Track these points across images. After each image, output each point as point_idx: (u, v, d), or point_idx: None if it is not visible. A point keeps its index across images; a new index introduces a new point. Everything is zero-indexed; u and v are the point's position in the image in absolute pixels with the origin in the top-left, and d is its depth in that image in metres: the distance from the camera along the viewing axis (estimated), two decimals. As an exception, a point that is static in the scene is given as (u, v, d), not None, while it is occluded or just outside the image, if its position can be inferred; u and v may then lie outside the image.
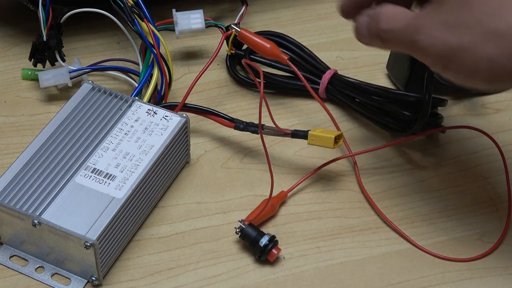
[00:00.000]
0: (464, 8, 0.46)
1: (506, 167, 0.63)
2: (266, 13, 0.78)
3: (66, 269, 0.56)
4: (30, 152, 0.58)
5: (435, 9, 0.48)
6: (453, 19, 0.46)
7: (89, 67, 0.69)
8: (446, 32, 0.46)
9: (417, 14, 0.49)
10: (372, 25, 0.52)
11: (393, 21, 0.50)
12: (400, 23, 0.50)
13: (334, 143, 0.60)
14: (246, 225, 0.58)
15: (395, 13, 0.50)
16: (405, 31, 0.49)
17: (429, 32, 0.47)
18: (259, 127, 0.59)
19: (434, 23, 0.47)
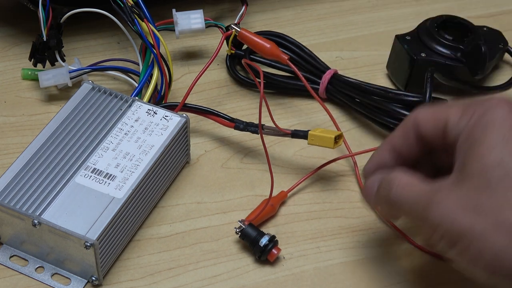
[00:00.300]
0: (486, 192, 0.45)
1: None
2: (266, 13, 0.79)
3: (66, 269, 0.56)
4: (30, 152, 0.58)
5: (454, 185, 0.46)
6: (470, 201, 0.45)
7: (89, 67, 0.69)
8: (460, 213, 0.45)
9: (432, 186, 0.48)
10: (382, 190, 0.51)
11: (405, 190, 0.49)
12: (412, 194, 0.48)
13: (334, 143, 0.60)
14: (246, 225, 0.58)
15: (409, 183, 0.49)
16: (417, 203, 0.48)
17: (441, 210, 0.46)
18: (259, 127, 0.59)
19: (449, 201, 0.46)
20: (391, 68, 0.72)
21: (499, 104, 0.47)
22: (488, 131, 0.46)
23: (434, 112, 0.50)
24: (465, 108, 0.48)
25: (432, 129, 0.50)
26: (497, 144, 0.45)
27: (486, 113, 0.47)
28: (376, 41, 0.76)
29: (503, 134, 0.45)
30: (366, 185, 0.53)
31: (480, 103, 0.48)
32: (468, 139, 0.47)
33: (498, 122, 0.46)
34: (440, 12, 0.77)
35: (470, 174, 0.46)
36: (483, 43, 0.66)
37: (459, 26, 0.71)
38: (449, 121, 0.49)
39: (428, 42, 0.69)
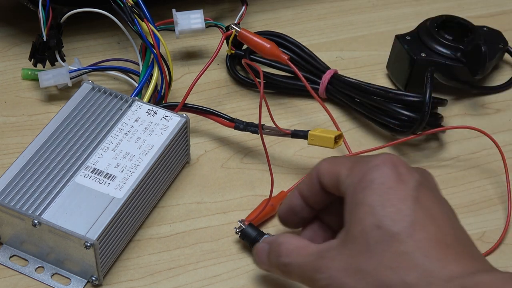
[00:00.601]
0: (365, 255, 0.46)
1: (506, 167, 0.63)
2: (266, 13, 0.79)
3: (66, 269, 0.56)
4: (30, 152, 0.58)
5: (339, 248, 0.48)
6: (353, 264, 0.47)
7: (89, 67, 0.69)
8: (344, 276, 0.47)
9: (320, 249, 0.49)
10: (272, 256, 0.52)
11: (294, 255, 0.50)
12: (300, 259, 0.50)
13: (334, 143, 0.60)
14: (246, 225, 0.58)
15: (297, 247, 0.51)
16: (306, 268, 0.49)
17: (328, 273, 0.47)
18: (259, 127, 0.59)
19: (334, 264, 0.47)
20: (391, 68, 0.72)
21: (381, 164, 0.48)
22: (367, 193, 0.47)
23: (330, 165, 0.52)
24: (353, 165, 0.50)
25: (329, 182, 0.51)
26: (375, 207, 0.46)
27: (367, 173, 0.48)
28: (376, 41, 0.76)
29: (381, 196, 0.47)
30: (257, 250, 0.54)
31: (366, 161, 0.49)
32: (352, 200, 0.48)
33: (377, 183, 0.47)
34: (440, 12, 0.77)
35: (352, 237, 0.47)
36: (483, 43, 0.66)
37: (459, 26, 0.71)
38: (339, 177, 0.50)
39: (428, 42, 0.69)
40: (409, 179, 0.48)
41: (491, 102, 0.71)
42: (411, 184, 0.47)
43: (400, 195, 0.47)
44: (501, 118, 0.70)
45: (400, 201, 0.46)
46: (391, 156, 0.49)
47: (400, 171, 0.48)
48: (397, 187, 0.47)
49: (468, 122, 0.69)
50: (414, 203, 0.46)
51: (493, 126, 0.69)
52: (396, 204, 0.46)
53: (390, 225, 0.46)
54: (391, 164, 0.48)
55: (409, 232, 0.45)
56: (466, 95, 0.71)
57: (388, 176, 0.47)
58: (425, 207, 0.47)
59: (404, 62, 0.69)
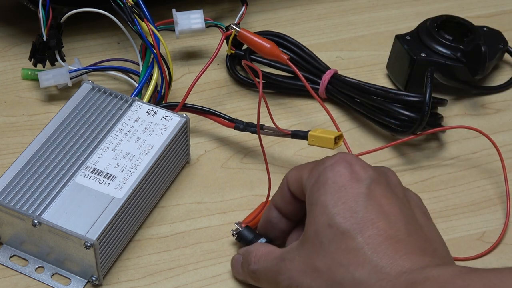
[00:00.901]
0: (320, 254, 0.47)
1: (504, 167, 0.63)
2: (266, 13, 0.79)
3: (66, 269, 0.56)
4: (30, 152, 0.58)
5: (298, 250, 0.49)
6: (309, 263, 0.48)
7: (89, 67, 0.69)
8: (301, 276, 0.48)
9: (282, 252, 0.50)
10: (244, 263, 0.54)
11: (262, 260, 0.52)
12: (266, 264, 0.51)
13: (334, 143, 0.60)
14: (242, 228, 0.57)
15: (264, 253, 0.52)
16: (270, 271, 0.50)
17: (288, 274, 0.49)
18: (257, 127, 0.59)
19: (293, 265, 0.49)
20: (391, 68, 0.72)
21: (335, 163, 0.49)
22: (321, 192, 0.48)
23: (296, 172, 0.53)
24: (312, 167, 0.51)
25: (296, 188, 0.52)
26: (327, 206, 0.47)
27: (322, 173, 0.49)
28: (376, 41, 0.76)
29: (333, 194, 0.48)
30: (233, 262, 0.56)
31: (322, 162, 0.50)
32: (308, 201, 0.50)
33: (330, 182, 0.48)
34: (440, 12, 0.77)
35: (307, 237, 0.48)
36: (483, 43, 0.66)
37: (459, 26, 0.71)
38: (302, 180, 0.51)
39: (428, 42, 0.69)
40: (363, 177, 0.48)
41: (491, 102, 0.71)
42: (365, 182, 0.48)
43: (352, 193, 0.47)
44: (501, 118, 0.70)
45: (351, 198, 0.47)
46: (346, 155, 0.50)
47: (354, 169, 0.49)
48: (349, 185, 0.48)
49: (468, 122, 0.69)
50: (366, 199, 0.47)
51: (493, 126, 0.69)
52: (347, 202, 0.47)
53: (341, 222, 0.47)
54: (345, 163, 0.49)
55: (359, 228, 0.46)
56: (466, 95, 0.71)
57: (341, 175, 0.48)
58: (377, 203, 0.47)
59: (404, 62, 0.69)
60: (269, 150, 0.66)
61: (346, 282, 0.46)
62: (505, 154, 0.66)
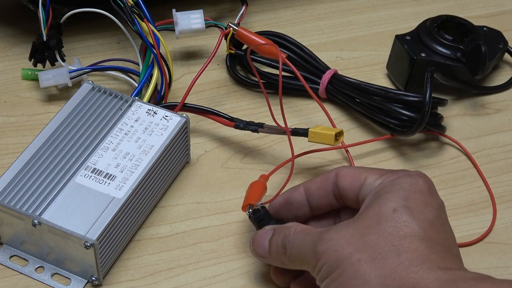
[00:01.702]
0: (373, 229, 0.48)
1: (481, 173, 0.65)
2: (266, 13, 0.79)
3: (66, 269, 0.56)
4: (30, 152, 0.58)
5: (346, 225, 0.50)
6: (356, 236, 0.48)
7: (89, 67, 0.69)
8: (343, 244, 0.48)
9: (327, 228, 0.50)
10: (277, 238, 0.52)
11: (301, 235, 0.51)
12: (306, 238, 0.51)
13: (335, 140, 0.60)
14: (262, 208, 0.56)
15: (304, 229, 0.52)
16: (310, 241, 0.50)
17: (328, 243, 0.49)
18: (285, 126, 0.58)
19: (337, 235, 0.49)
20: (391, 68, 0.72)
21: (416, 175, 0.51)
22: (393, 190, 0.49)
23: (353, 171, 0.54)
24: (384, 173, 0.52)
25: (349, 185, 0.53)
26: (398, 197, 0.49)
27: (398, 178, 0.50)
28: (376, 41, 0.76)
29: (408, 193, 0.49)
30: (258, 235, 0.54)
31: (399, 171, 0.52)
32: (374, 196, 0.50)
33: (408, 185, 0.50)
34: (440, 12, 0.77)
35: (365, 215, 0.49)
36: (483, 43, 0.66)
37: (459, 26, 0.71)
38: (366, 180, 0.52)
39: (428, 42, 0.69)
40: (437, 198, 0.51)
41: (491, 102, 0.71)
42: (438, 201, 0.50)
43: (426, 202, 0.49)
44: (501, 118, 0.70)
45: (424, 204, 0.49)
46: (428, 177, 0.51)
47: (432, 189, 0.51)
48: (425, 195, 0.50)
49: (468, 122, 0.69)
50: (437, 213, 0.49)
51: (493, 126, 0.69)
52: (419, 205, 0.49)
53: (407, 213, 0.48)
54: (425, 179, 0.51)
55: (423, 226, 0.48)
56: (466, 95, 0.71)
57: (419, 185, 0.50)
58: (443, 221, 0.49)
59: (404, 62, 0.69)
60: (269, 150, 0.66)
61: (391, 259, 0.46)
62: (505, 154, 0.66)
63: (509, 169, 0.65)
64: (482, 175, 0.65)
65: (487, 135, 0.68)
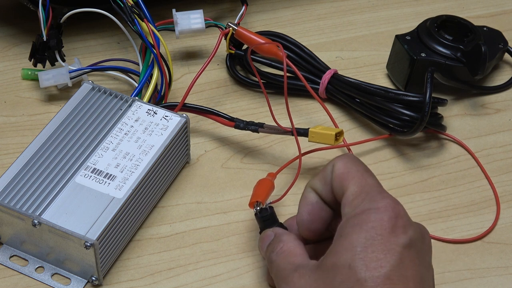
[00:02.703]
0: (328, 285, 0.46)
1: (485, 172, 0.64)
2: (266, 13, 0.79)
3: (66, 269, 0.56)
4: (30, 152, 0.58)
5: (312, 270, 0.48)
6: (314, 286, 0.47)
7: (89, 67, 0.69)
8: None
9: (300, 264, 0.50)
10: (270, 246, 0.53)
11: (282, 256, 0.51)
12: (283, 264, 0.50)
13: (335, 140, 0.60)
14: (269, 207, 0.56)
15: (290, 251, 0.51)
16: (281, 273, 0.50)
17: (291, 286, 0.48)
18: (292, 126, 0.59)
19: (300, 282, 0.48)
20: (391, 68, 0.72)
21: (383, 208, 0.48)
22: (356, 230, 0.47)
23: (344, 169, 0.51)
24: (360, 192, 0.49)
25: (336, 188, 0.51)
26: (356, 246, 0.46)
27: (365, 212, 0.48)
28: (376, 41, 0.76)
29: (367, 239, 0.47)
30: (264, 236, 0.54)
31: (371, 198, 0.48)
32: (341, 230, 0.48)
33: (370, 226, 0.47)
34: (440, 12, 0.77)
35: (324, 266, 0.48)
36: (483, 43, 0.66)
37: (459, 26, 0.71)
38: (345, 194, 0.50)
39: (428, 42, 0.69)
40: (402, 235, 0.47)
41: (491, 102, 0.71)
42: (402, 240, 0.47)
43: (386, 246, 0.46)
44: (501, 118, 0.70)
45: (382, 251, 0.46)
46: (398, 205, 0.48)
47: (397, 224, 0.47)
48: (386, 237, 0.47)
49: (468, 122, 0.69)
50: (396, 259, 0.46)
51: (493, 126, 0.69)
52: (377, 252, 0.46)
53: (362, 270, 0.46)
54: (392, 213, 0.47)
55: (377, 283, 0.45)
56: (466, 95, 0.71)
57: (383, 223, 0.47)
58: (404, 267, 0.46)
59: (404, 62, 0.69)
60: (269, 150, 0.66)
61: None
62: (505, 154, 0.66)
63: (509, 169, 0.65)
64: (486, 174, 0.64)
65: (487, 135, 0.68)
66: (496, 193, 0.63)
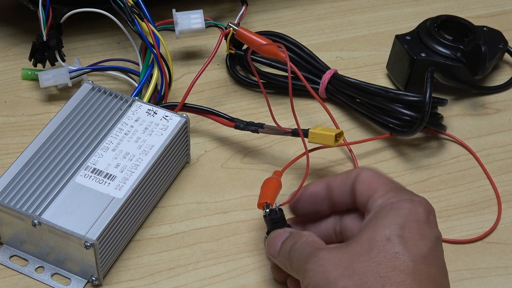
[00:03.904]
0: (363, 257, 0.47)
1: (487, 171, 0.64)
2: (266, 13, 0.79)
3: (66, 269, 0.56)
4: (30, 152, 0.58)
5: (339, 247, 0.49)
6: (346, 261, 0.48)
7: (89, 67, 0.69)
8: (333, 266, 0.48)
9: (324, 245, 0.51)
10: (289, 242, 0.53)
11: (305, 244, 0.51)
12: (307, 248, 0.51)
13: (335, 140, 0.60)
14: (278, 210, 0.55)
15: (313, 241, 0.52)
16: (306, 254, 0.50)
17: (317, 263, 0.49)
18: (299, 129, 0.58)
19: (327, 257, 0.49)
20: (391, 68, 0.72)
21: (418, 202, 0.50)
22: (393, 213, 0.49)
23: (372, 177, 0.52)
24: (390, 189, 0.51)
25: (363, 190, 0.52)
26: (391, 227, 0.48)
27: (401, 202, 0.49)
28: (376, 41, 0.76)
29: (404, 221, 0.48)
30: (275, 234, 0.54)
31: (405, 192, 0.51)
32: (372, 217, 0.50)
33: (406, 212, 0.49)
34: (440, 12, 0.77)
35: (358, 240, 0.49)
36: (483, 43, 0.66)
37: (459, 26, 0.71)
38: (374, 194, 0.51)
39: (428, 42, 0.69)
40: (435, 229, 0.50)
41: (491, 102, 0.71)
42: (435, 233, 0.49)
43: (422, 232, 0.48)
44: (501, 118, 0.70)
45: (419, 235, 0.48)
46: (429, 204, 0.50)
47: (430, 218, 0.49)
48: (422, 225, 0.49)
49: (468, 122, 0.69)
50: (432, 245, 0.48)
51: (493, 126, 0.69)
52: (414, 234, 0.48)
53: (400, 244, 0.47)
54: (426, 208, 0.50)
55: (414, 259, 0.47)
56: (466, 95, 0.71)
57: (418, 213, 0.49)
58: (437, 253, 0.49)
59: (404, 62, 0.69)
60: (269, 150, 0.66)
61: None
62: (505, 154, 0.66)
63: (509, 169, 0.65)
64: (487, 174, 0.64)
65: (487, 135, 0.68)
66: (497, 193, 0.63)
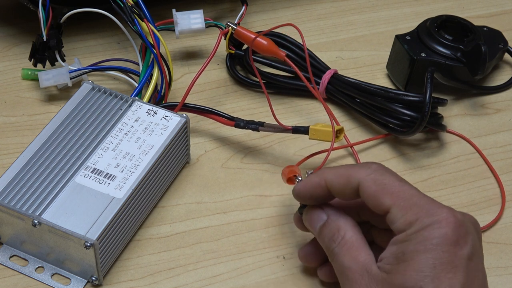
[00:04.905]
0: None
1: (493, 169, 0.64)
2: (266, 13, 0.79)
3: (66, 269, 0.56)
4: (30, 152, 0.58)
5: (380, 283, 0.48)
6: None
7: (89, 67, 0.69)
8: None
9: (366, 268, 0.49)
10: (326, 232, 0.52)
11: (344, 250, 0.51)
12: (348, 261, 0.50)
13: (335, 137, 0.60)
14: None
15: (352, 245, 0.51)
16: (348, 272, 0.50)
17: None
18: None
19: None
20: (391, 68, 0.72)
21: (444, 221, 0.48)
22: (421, 250, 0.47)
23: (377, 193, 0.50)
24: (409, 206, 0.48)
25: (373, 206, 0.50)
26: (424, 269, 0.47)
27: (428, 228, 0.47)
28: (376, 41, 0.76)
29: (433, 259, 0.47)
30: (314, 214, 0.53)
31: (428, 210, 0.48)
32: (403, 245, 0.48)
33: (434, 243, 0.47)
34: (440, 12, 0.77)
35: (393, 285, 0.47)
36: (483, 43, 0.66)
37: (459, 26, 0.71)
38: (392, 210, 0.49)
39: (428, 42, 0.69)
40: (465, 246, 0.47)
41: (491, 102, 0.71)
42: (466, 252, 0.47)
43: (453, 263, 0.47)
44: (501, 118, 0.70)
45: (451, 269, 0.46)
46: (454, 212, 0.48)
47: (460, 234, 0.47)
48: (452, 252, 0.47)
49: (468, 122, 0.69)
50: (464, 275, 0.47)
51: (493, 126, 0.69)
52: (446, 272, 0.46)
53: None
54: (455, 224, 0.48)
55: None
56: (466, 95, 0.71)
57: (447, 238, 0.47)
58: (470, 280, 0.47)
59: (404, 62, 0.69)
60: (269, 150, 0.66)
61: None
62: (506, 154, 0.66)
63: (509, 169, 0.65)
64: (494, 171, 0.64)
65: (487, 135, 0.68)
66: (503, 190, 0.63)
